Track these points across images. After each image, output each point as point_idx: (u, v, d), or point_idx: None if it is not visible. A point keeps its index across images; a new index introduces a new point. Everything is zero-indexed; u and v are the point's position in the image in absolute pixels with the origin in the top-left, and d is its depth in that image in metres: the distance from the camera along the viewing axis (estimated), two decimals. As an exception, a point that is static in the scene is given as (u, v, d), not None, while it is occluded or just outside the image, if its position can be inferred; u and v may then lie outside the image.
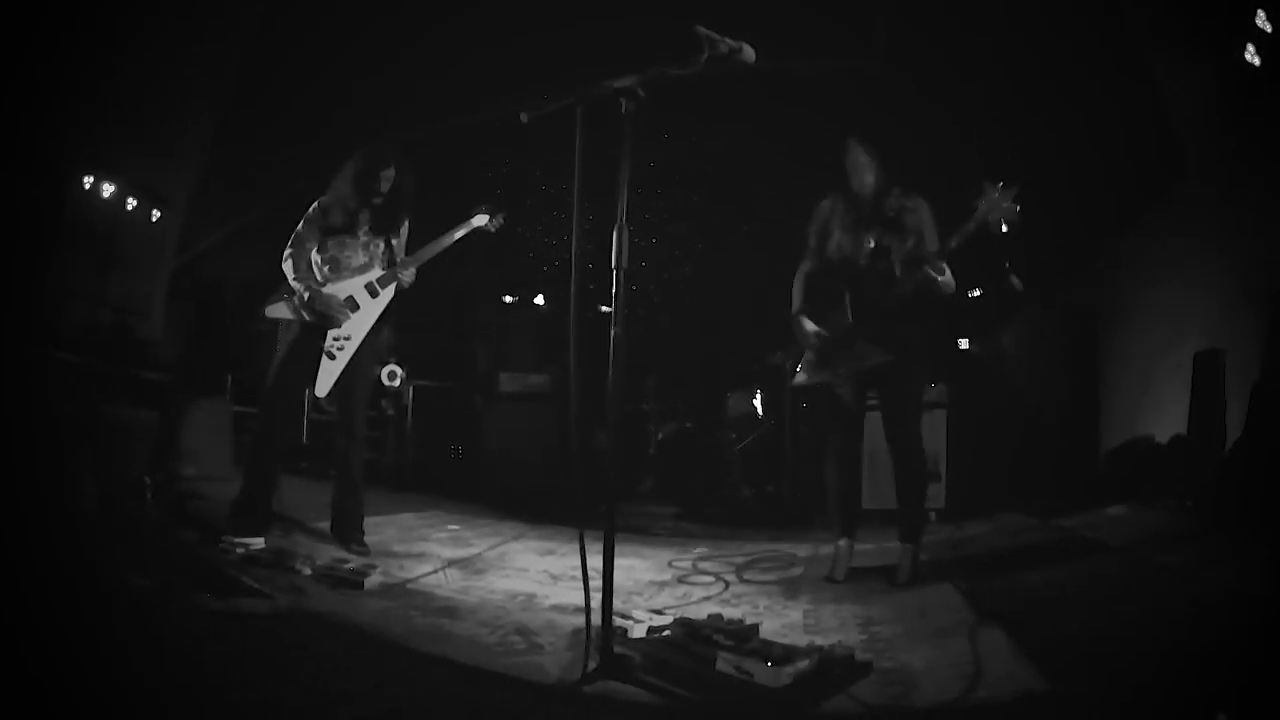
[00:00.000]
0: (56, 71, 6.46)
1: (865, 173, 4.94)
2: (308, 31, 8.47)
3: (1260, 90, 5.95)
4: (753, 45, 3.28)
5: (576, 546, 3.05)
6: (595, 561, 2.99)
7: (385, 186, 5.43)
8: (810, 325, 5.04)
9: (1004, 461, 8.71)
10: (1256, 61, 5.88)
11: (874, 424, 5.19)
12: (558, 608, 4.21)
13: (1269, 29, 5.78)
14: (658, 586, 4.90)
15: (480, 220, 5.72)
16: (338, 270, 5.37)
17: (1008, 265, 4.59)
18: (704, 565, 5.60)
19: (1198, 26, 6.40)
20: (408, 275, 5.49)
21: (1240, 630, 3.30)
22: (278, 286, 5.40)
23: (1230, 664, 2.90)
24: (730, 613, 3.91)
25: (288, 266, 5.32)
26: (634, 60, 3.23)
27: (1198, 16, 6.38)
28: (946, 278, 4.63)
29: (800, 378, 5.18)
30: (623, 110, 3.18)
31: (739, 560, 5.77)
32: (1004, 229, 4.43)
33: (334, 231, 5.40)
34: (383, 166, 5.41)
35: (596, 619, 3.00)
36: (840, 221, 5.06)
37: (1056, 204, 8.50)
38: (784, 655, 3.00)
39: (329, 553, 5.09)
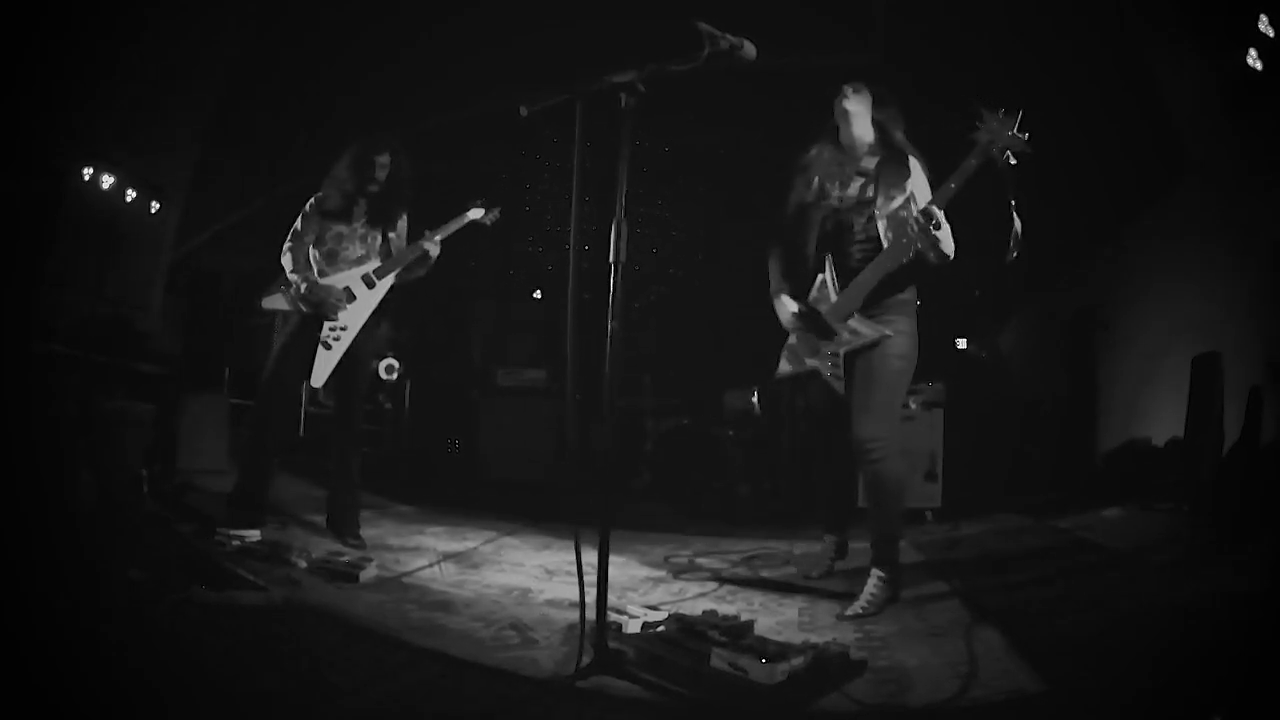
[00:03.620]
0: (57, 64, 6.46)
1: (859, 127, 4.49)
2: (307, 30, 8.47)
3: (1262, 93, 5.95)
4: (753, 42, 3.28)
5: (572, 542, 3.04)
6: (590, 557, 2.99)
7: (381, 174, 5.44)
8: (793, 304, 4.61)
9: (1001, 462, 8.72)
10: (1258, 65, 5.88)
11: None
12: (553, 603, 4.22)
13: (1271, 33, 5.78)
14: (653, 582, 4.89)
15: (476, 214, 5.71)
16: (334, 262, 5.38)
17: (1013, 202, 4.05)
18: (700, 561, 5.60)
19: (1199, 30, 6.40)
20: (434, 247, 5.50)
21: (1236, 632, 3.30)
22: (275, 279, 5.41)
23: (1226, 666, 2.90)
24: (725, 609, 3.91)
25: (286, 260, 5.34)
26: (634, 55, 3.22)
27: (1199, 19, 6.37)
28: (943, 233, 4.04)
29: (784, 367, 4.76)
30: (622, 105, 3.17)
31: (735, 557, 5.77)
32: (1012, 161, 3.88)
33: (331, 220, 5.41)
34: (377, 152, 5.42)
35: (591, 614, 2.99)
36: (824, 174, 4.55)
37: (1056, 205, 8.50)
38: (778, 652, 2.99)
39: (325, 546, 5.12)
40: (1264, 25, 5.80)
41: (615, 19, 7.91)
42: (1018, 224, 3.94)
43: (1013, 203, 3.93)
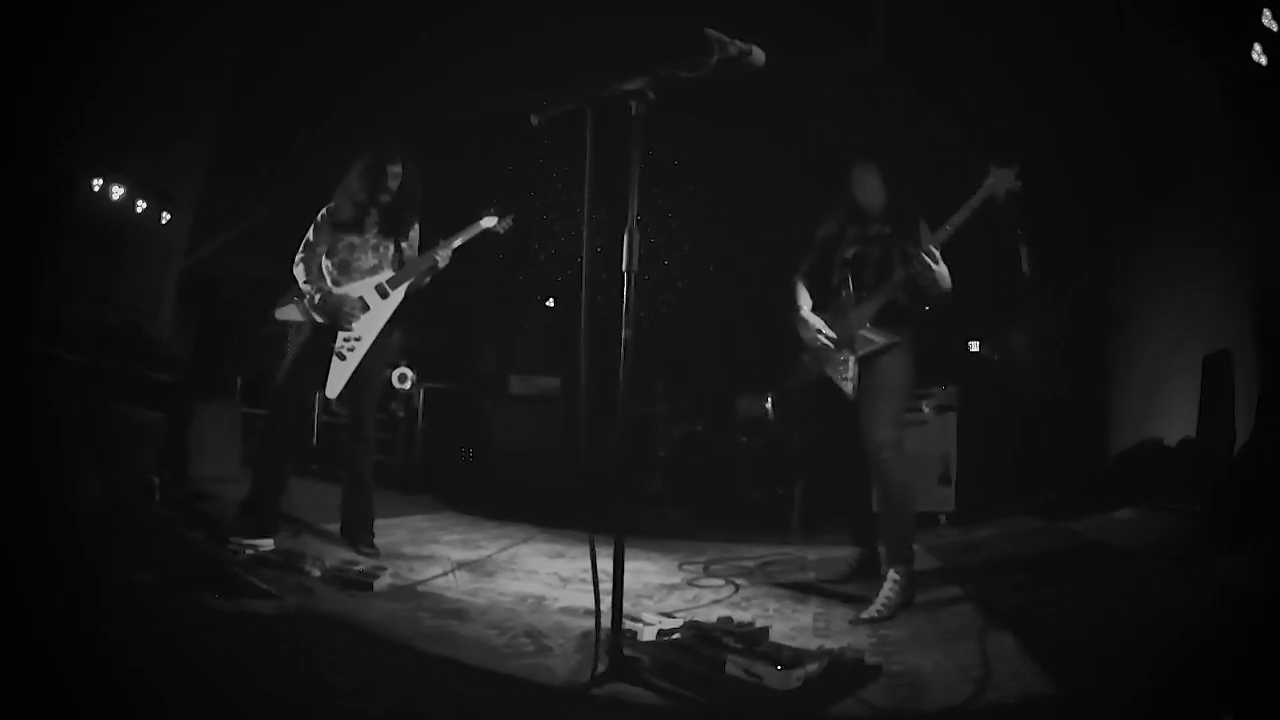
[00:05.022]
0: (64, 72, 6.48)
1: (872, 192, 4.90)
2: (308, 30, 8.49)
3: (1267, 90, 5.94)
4: (759, 47, 3.28)
5: (586, 549, 3.05)
6: (605, 564, 2.99)
7: (393, 184, 5.44)
8: (814, 317, 4.95)
9: (1014, 465, 8.70)
10: (1263, 61, 5.87)
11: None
12: (567, 610, 4.23)
13: (1276, 28, 5.77)
14: (667, 589, 4.90)
15: (489, 222, 5.73)
16: (347, 273, 5.38)
17: (1020, 233, 4.51)
18: (714, 568, 5.60)
19: (1200, 29, 6.39)
20: (444, 255, 5.50)
21: (1250, 633, 3.29)
22: (287, 288, 5.42)
23: (1239, 666, 2.89)
24: (740, 616, 3.91)
25: (299, 270, 5.34)
26: (634, 55, 3.23)
27: (1199, 19, 6.36)
28: (940, 269, 4.45)
29: (801, 376, 5.10)
30: (632, 112, 3.18)
31: (749, 563, 5.77)
32: (1006, 197, 4.43)
33: (343, 231, 5.41)
34: (390, 162, 5.42)
35: (606, 621, 3.00)
36: (844, 221, 5.03)
37: (1063, 206, 8.49)
38: (793, 658, 3.00)
39: (338, 554, 5.11)
40: (1268, 20, 5.79)
41: (614, 19, 7.93)
42: (1024, 251, 4.40)
43: (1019, 233, 4.36)
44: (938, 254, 4.44)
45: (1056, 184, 7.99)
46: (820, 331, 4.88)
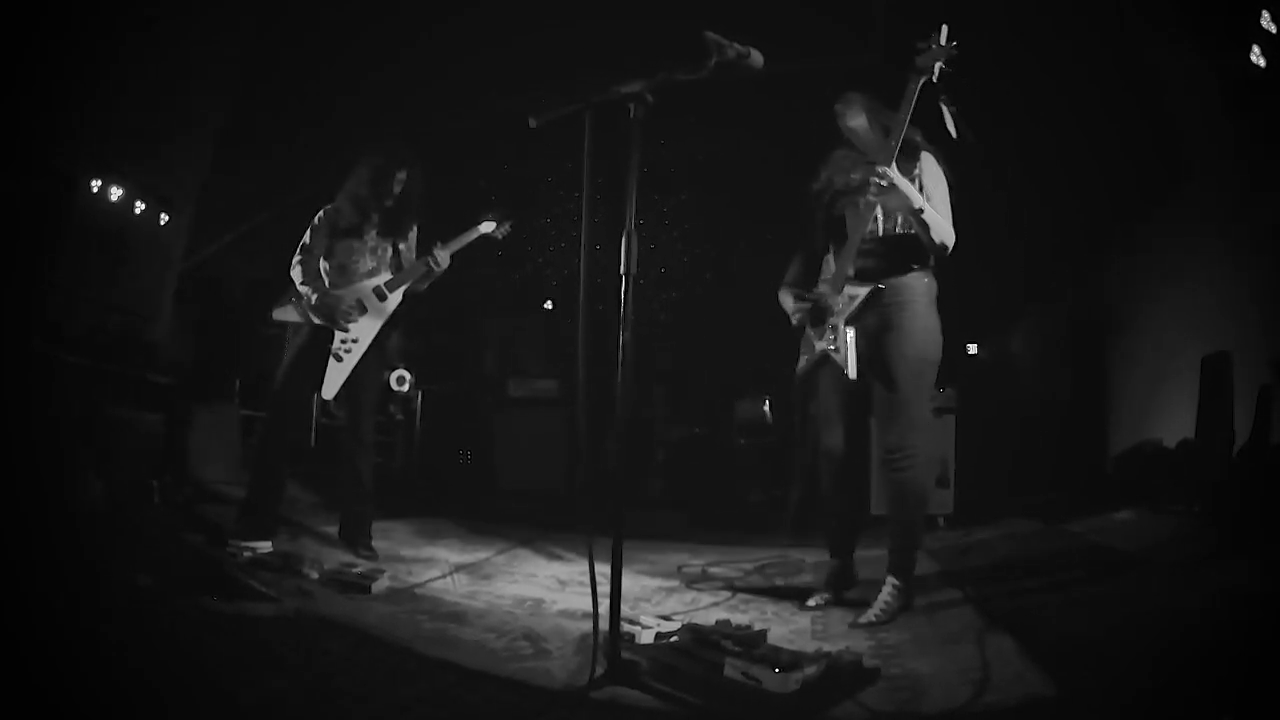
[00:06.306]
0: (64, 72, 6.48)
1: (861, 132, 4.44)
2: (308, 29, 8.49)
3: (1266, 91, 5.94)
4: (755, 45, 3.27)
5: (584, 552, 3.04)
6: (603, 567, 2.98)
7: (398, 189, 5.44)
8: (792, 299, 4.56)
9: (1013, 467, 8.69)
10: (1262, 63, 5.87)
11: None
12: (565, 613, 4.22)
13: (1274, 29, 5.77)
14: (666, 592, 4.89)
15: (487, 227, 5.73)
16: (345, 276, 5.39)
17: (943, 98, 4.11)
18: (713, 571, 5.59)
19: (1199, 30, 6.39)
20: (442, 260, 5.48)
21: (1250, 633, 3.29)
22: (286, 289, 5.42)
23: (1240, 667, 2.89)
24: (738, 619, 3.90)
25: (296, 273, 5.35)
26: (635, 56, 3.22)
27: (1199, 19, 6.36)
28: (932, 217, 4.08)
29: (802, 361, 4.53)
30: (631, 115, 3.17)
31: (748, 566, 5.76)
32: (947, 70, 4.09)
33: (342, 235, 5.42)
34: (398, 167, 5.43)
35: (604, 625, 2.99)
36: (836, 170, 4.55)
37: (1063, 206, 8.49)
38: (792, 661, 2.99)
39: (337, 557, 5.11)
40: (1266, 21, 5.79)
41: (615, 19, 7.93)
42: (949, 116, 4.08)
43: (943, 98, 4.07)
44: (891, 172, 4.02)
45: (1057, 184, 7.99)
46: (800, 298, 4.50)
